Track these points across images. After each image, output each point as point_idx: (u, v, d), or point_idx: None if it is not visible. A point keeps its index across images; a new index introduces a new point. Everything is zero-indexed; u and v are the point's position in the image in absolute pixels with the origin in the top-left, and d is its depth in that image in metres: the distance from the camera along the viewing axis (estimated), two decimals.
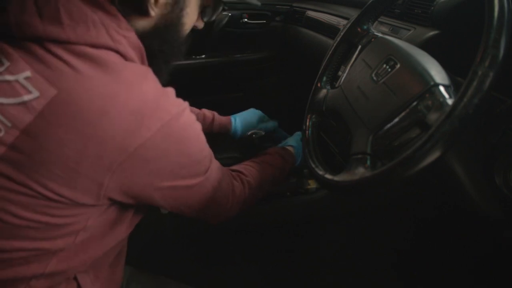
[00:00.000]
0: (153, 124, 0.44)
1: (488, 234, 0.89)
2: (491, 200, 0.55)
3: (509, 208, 0.54)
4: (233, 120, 0.98)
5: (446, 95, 0.48)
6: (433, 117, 0.47)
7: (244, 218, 1.05)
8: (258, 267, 1.12)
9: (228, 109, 1.05)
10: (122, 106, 0.42)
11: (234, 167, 0.74)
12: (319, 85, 0.76)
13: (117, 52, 0.46)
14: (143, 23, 0.50)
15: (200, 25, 0.62)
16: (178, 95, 0.50)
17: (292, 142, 0.91)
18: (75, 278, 0.55)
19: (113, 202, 0.49)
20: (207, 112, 0.97)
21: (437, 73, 0.51)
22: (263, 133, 0.99)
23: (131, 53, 0.47)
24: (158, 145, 0.45)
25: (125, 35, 0.47)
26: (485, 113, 0.56)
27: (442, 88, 0.49)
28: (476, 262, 0.99)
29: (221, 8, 0.62)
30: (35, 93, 0.41)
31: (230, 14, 1.48)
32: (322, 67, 0.78)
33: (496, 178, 0.54)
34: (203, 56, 1.56)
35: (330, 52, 0.77)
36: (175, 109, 0.47)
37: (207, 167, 0.56)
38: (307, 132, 0.72)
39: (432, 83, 0.50)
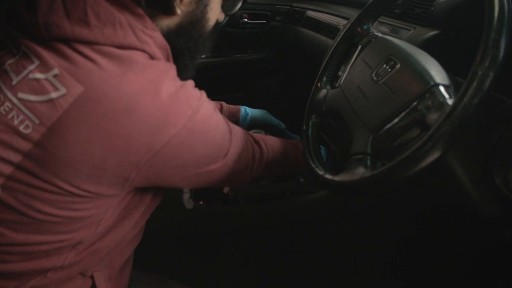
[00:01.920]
0: (178, 120, 0.45)
1: (488, 234, 0.89)
2: (491, 200, 0.55)
3: (509, 208, 0.55)
4: (243, 109, 0.97)
5: (446, 95, 0.48)
6: (433, 117, 0.47)
7: (244, 218, 1.05)
8: (258, 267, 1.12)
9: None
10: (148, 104, 0.43)
11: (257, 135, 0.73)
12: (319, 85, 0.76)
13: (144, 51, 0.46)
14: (168, 22, 0.51)
15: (221, 18, 0.61)
16: None
17: None
18: (92, 277, 0.57)
19: (134, 192, 0.52)
20: (216, 103, 0.96)
21: (437, 73, 0.51)
22: (263, 132, 0.98)
23: (157, 52, 0.48)
24: (184, 140, 0.46)
25: (151, 35, 0.47)
26: (485, 113, 0.56)
27: (442, 88, 0.49)
28: (476, 262, 1.00)
29: (242, 1, 0.61)
30: (62, 90, 0.42)
31: None
32: (322, 67, 0.78)
33: (496, 178, 0.54)
34: (203, 56, 1.56)
35: (330, 52, 0.77)
36: (195, 102, 0.47)
37: (228, 148, 0.56)
38: (307, 132, 0.72)
39: (432, 83, 0.50)
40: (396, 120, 0.52)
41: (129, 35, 0.45)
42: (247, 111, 0.96)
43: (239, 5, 0.61)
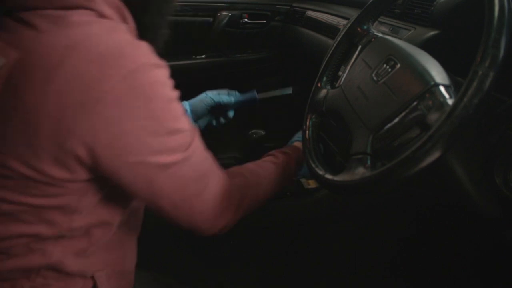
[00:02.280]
0: (115, 73, 0.40)
1: (488, 234, 0.89)
2: (491, 200, 0.55)
3: (509, 208, 0.54)
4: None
5: (446, 95, 0.48)
6: (433, 117, 0.47)
7: (244, 218, 1.05)
8: (258, 267, 1.12)
9: None
10: (82, 55, 0.39)
11: (231, 168, 0.66)
12: (319, 85, 0.76)
13: (91, 10, 0.45)
14: None
15: None
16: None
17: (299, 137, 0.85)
18: (92, 277, 0.55)
19: (99, 180, 0.47)
20: None
21: (437, 73, 0.51)
22: (263, 133, 0.97)
23: (108, 11, 0.46)
24: (121, 99, 0.40)
25: None
26: (485, 113, 0.56)
27: (442, 88, 0.49)
28: (476, 262, 0.99)
29: None
30: (2, 61, 0.41)
31: (230, 14, 1.48)
32: (322, 67, 0.78)
33: (496, 178, 0.54)
34: (203, 56, 1.56)
35: (330, 52, 0.77)
36: (144, 60, 0.42)
37: (186, 144, 0.49)
38: (307, 132, 0.72)
39: (432, 83, 0.50)
40: (396, 120, 0.52)
41: None
42: (185, 107, 0.89)
43: None
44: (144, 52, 0.44)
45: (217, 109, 0.90)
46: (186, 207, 0.51)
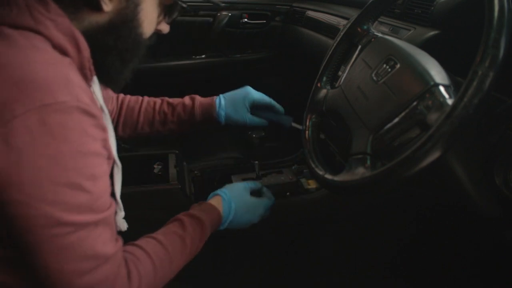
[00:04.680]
0: (31, 101, 0.38)
1: (488, 234, 0.89)
2: (491, 200, 0.55)
3: (509, 208, 0.54)
4: (217, 100, 0.86)
5: (446, 95, 0.48)
6: (433, 117, 0.47)
7: None
8: (258, 267, 1.12)
9: None
10: (8, 75, 0.39)
11: (130, 248, 0.56)
12: (319, 85, 0.76)
13: (41, 34, 0.44)
14: (97, 18, 0.49)
15: (165, 29, 0.60)
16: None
17: (224, 189, 0.78)
18: None
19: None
20: (187, 99, 0.87)
21: (437, 73, 0.51)
22: (263, 133, 0.96)
23: (59, 38, 0.45)
24: (29, 129, 0.38)
25: (52, 19, 0.45)
26: (485, 113, 0.56)
27: (442, 88, 0.49)
28: (476, 262, 0.99)
29: (178, 7, 0.58)
30: None
31: (230, 14, 1.48)
32: (322, 67, 0.78)
33: (496, 178, 0.54)
34: (203, 56, 1.56)
35: (330, 52, 0.77)
36: (68, 99, 0.41)
37: (87, 209, 0.44)
38: (307, 132, 0.72)
39: (432, 83, 0.50)
40: (396, 120, 0.52)
41: (24, 15, 0.43)
42: (221, 102, 0.86)
43: (176, 12, 0.59)
44: (73, 92, 0.42)
45: (257, 109, 0.88)
46: (60, 283, 0.44)
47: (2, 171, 0.39)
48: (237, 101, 0.86)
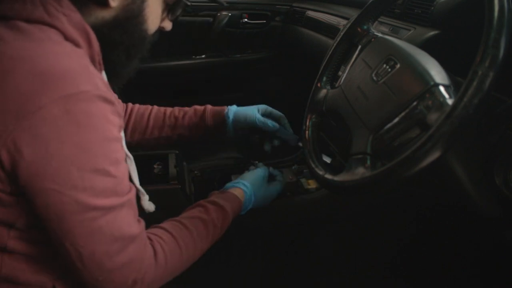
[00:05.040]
0: (54, 92, 0.40)
1: (488, 234, 0.89)
2: (491, 200, 0.55)
3: (509, 208, 0.54)
4: (229, 108, 0.88)
5: (446, 95, 0.48)
6: (433, 117, 0.47)
7: (243, 218, 1.05)
8: (257, 267, 1.12)
9: None
10: (30, 68, 0.40)
11: (155, 230, 0.59)
12: (319, 85, 0.76)
13: (55, 28, 0.45)
14: (103, 13, 0.50)
15: (168, 26, 0.61)
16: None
17: (246, 181, 0.79)
18: (54, 287, 0.53)
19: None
20: (198, 106, 0.89)
21: (437, 73, 0.51)
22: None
23: (72, 32, 0.46)
24: (54, 119, 0.40)
25: (65, 13, 0.46)
26: (485, 113, 0.56)
27: (442, 88, 0.49)
28: (476, 262, 0.99)
29: (182, 5, 0.60)
30: None
31: (230, 14, 1.48)
32: (322, 67, 0.78)
33: (496, 178, 0.54)
34: (203, 56, 1.56)
35: (330, 52, 0.77)
36: (89, 88, 0.42)
37: (113, 192, 0.46)
38: (307, 132, 0.72)
39: (432, 83, 0.50)
40: (396, 120, 0.52)
41: (38, 9, 0.44)
42: (231, 111, 0.86)
43: (179, 9, 0.60)
44: (93, 81, 0.43)
45: (260, 131, 0.89)
46: (93, 263, 0.46)
47: (32, 161, 0.40)
48: (249, 108, 0.88)
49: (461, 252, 1.03)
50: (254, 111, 0.87)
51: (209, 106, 0.89)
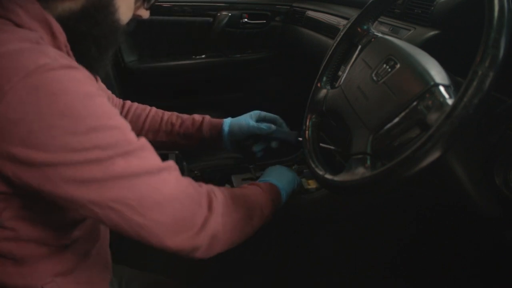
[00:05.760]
0: (15, 73, 0.38)
1: (488, 234, 0.89)
2: (491, 200, 0.55)
3: (509, 208, 0.54)
4: (224, 121, 0.87)
5: (446, 95, 0.48)
6: (433, 117, 0.47)
7: None
8: (257, 267, 1.12)
9: (228, 109, 1.05)
10: None
11: (210, 186, 0.60)
12: (319, 85, 0.76)
13: (11, 21, 0.44)
14: (70, 4, 0.48)
15: (144, 14, 0.59)
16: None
17: (273, 179, 0.79)
18: None
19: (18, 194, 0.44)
20: (197, 116, 0.88)
21: (437, 73, 0.51)
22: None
23: (30, 23, 0.45)
24: (23, 98, 0.38)
25: (22, 5, 0.45)
26: (485, 113, 0.56)
27: (442, 88, 0.49)
28: (476, 262, 0.99)
29: None
30: None
31: (230, 14, 1.48)
32: (322, 67, 0.78)
33: (496, 178, 0.54)
34: (203, 56, 1.56)
35: (330, 52, 0.77)
36: (48, 61, 0.40)
37: (120, 141, 0.44)
38: (307, 132, 0.72)
39: (432, 83, 0.50)
40: (396, 120, 0.52)
41: None
42: (227, 122, 0.85)
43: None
44: (48, 55, 0.41)
45: (257, 137, 0.88)
46: (147, 209, 0.46)
47: (25, 147, 0.39)
48: (242, 117, 0.87)
49: (461, 252, 1.03)
50: (246, 120, 0.86)
51: (207, 118, 0.87)
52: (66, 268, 0.55)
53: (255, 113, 0.88)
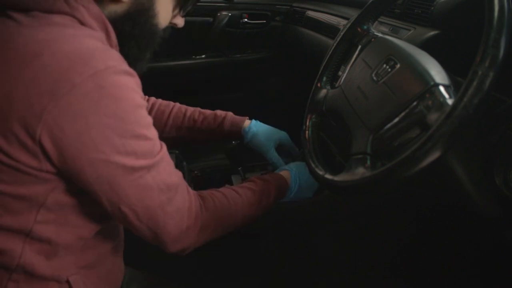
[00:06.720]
0: (85, 69, 0.42)
1: (488, 234, 0.89)
2: (491, 200, 0.55)
3: (509, 208, 0.54)
4: (252, 121, 0.90)
5: (446, 95, 0.48)
6: (433, 117, 0.47)
7: None
8: (257, 268, 1.12)
9: (228, 109, 1.05)
10: (56, 49, 0.42)
11: (204, 191, 0.66)
12: (319, 85, 0.76)
13: (75, 18, 0.47)
14: (115, 7, 0.52)
15: (179, 22, 0.64)
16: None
17: (291, 165, 0.83)
18: (68, 281, 0.54)
19: (67, 178, 0.48)
20: (219, 112, 0.91)
21: (437, 73, 0.51)
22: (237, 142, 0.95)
23: (91, 22, 0.49)
24: (88, 94, 0.42)
25: (84, 5, 0.48)
26: (485, 113, 0.56)
27: (442, 88, 0.49)
28: (476, 262, 0.99)
29: (193, 0, 0.62)
30: None
31: (230, 14, 1.48)
32: (322, 67, 0.78)
33: (496, 178, 0.54)
34: (203, 56, 1.56)
35: (330, 52, 0.77)
36: (113, 64, 0.45)
37: (152, 152, 0.50)
38: (307, 132, 0.72)
39: (432, 83, 0.50)
40: (396, 120, 0.52)
41: (59, 1, 0.46)
42: (253, 123, 0.88)
43: (191, 4, 0.62)
44: (115, 58, 0.46)
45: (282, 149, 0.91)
46: (148, 217, 0.52)
47: (76, 136, 0.43)
48: (270, 132, 0.89)
49: (461, 252, 1.03)
50: (270, 146, 0.88)
51: (229, 114, 0.90)
52: (91, 261, 0.58)
53: (283, 137, 0.90)
